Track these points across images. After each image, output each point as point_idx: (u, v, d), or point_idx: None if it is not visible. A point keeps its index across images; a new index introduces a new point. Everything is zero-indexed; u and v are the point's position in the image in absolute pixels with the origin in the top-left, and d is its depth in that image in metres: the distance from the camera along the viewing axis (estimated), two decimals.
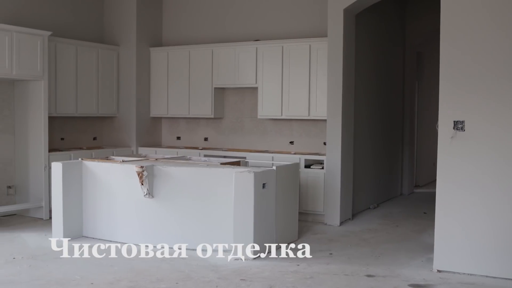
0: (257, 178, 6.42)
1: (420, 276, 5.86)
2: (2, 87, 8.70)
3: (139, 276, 5.76)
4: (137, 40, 10.18)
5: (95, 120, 10.33)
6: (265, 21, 9.63)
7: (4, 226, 8.10)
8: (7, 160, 8.82)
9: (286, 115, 9.09)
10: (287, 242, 7.13)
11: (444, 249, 5.98)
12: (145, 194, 6.95)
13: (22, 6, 9.00)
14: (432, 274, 5.92)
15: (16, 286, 5.41)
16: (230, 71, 9.54)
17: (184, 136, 10.53)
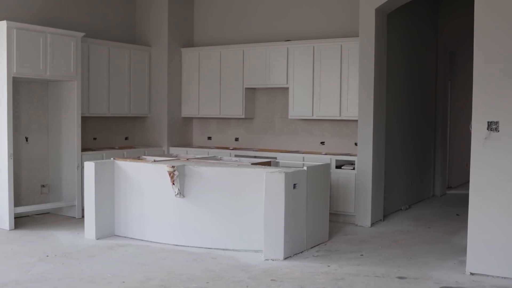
0: (288, 178, 6.40)
1: (452, 278, 5.78)
2: (36, 88, 8.82)
3: (170, 275, 5.79)
4: (169, 40, 10.24)
5: (127, 120, 10.42)
6: (296, 21, 9.61)
7: (38, 224, 8.21)
8: (41, 159, 8.94)
9: (317, 116, 9.05)
10: (317, 242, 7.11)
11: (477, 252, 5.90)
12: (176, 193, 6.98)
13: (56, 8, 9.12)
14: (464, 277, 5.84)
15: (50, 283, 5.49)
16: (261, 71, 9.54)
17: (215, 136, 10.56)
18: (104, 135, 10.02)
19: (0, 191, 7.86)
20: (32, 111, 8.80)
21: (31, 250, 6.72)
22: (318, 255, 6.64)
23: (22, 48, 7.87)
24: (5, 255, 6.51)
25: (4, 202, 7.81)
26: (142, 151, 9.72)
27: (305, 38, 9.34)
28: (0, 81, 7.77)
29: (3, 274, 5.74)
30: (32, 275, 5.74)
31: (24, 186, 8.71)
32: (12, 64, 7.76)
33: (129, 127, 10.50)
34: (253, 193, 6.67)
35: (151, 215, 7.29)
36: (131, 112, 10.08)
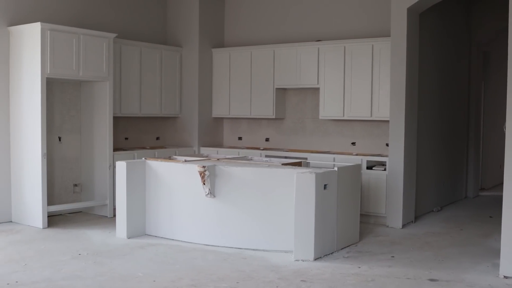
0: (319, 179, 6.38)
1: (485, 281, 5.70)
2: (69, 88, 8.93)
3: (200, 274, 5.81)
4: (200, 41, 10.28)
5: (158, 120, 10.49)
6: (327, 21, 9.57)
7: (70, 223, 8.31)
8: (74, 159, 9.05)
9: (348, 116, 9.01)
10: (348, 243, 7.07)
11: (511, 255, 5.80)
12: (206, 193, 7.00)
13: (88, 10, 9.22)
14: (498, 280, 5.75)
15: (82, 281, 5.54)
16: (292, 72, 9.52)
17: (246, 136, 10.57)
18: (136, 135, 10.10)
19: (34, 190, 7.98)
20: (65, 111, 8.91)
21: (63, 248, 6.81)
22: (348, 256, 6.60)
23: (56, 49, 7.97)
24: (38, 253, 6.60)
25: (38, 201, 7.92)
26: (173, 151, 9.77)
27: (336, 38, 9.30)
28: (34, 81, 7.89)
29: (36, 271, 5.82)
30: (64, 273, 5.81)
31: (57, 185, 8.82)
32: (45, 65, 7.87)
33: (160, 127, 10.57)
34: (283, 194, 6.66)
35: (182, 215, 7.32)
36: (162, 112, 10.14)
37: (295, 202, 6.39)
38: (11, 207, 8.30)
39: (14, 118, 8.20)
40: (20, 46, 8.09)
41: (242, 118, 10.52)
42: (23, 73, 8.06)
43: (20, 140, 8.14)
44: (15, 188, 8.25)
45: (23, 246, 6.90)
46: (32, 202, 8.01)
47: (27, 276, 5.67)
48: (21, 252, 6.62)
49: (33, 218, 8.01)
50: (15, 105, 8.19)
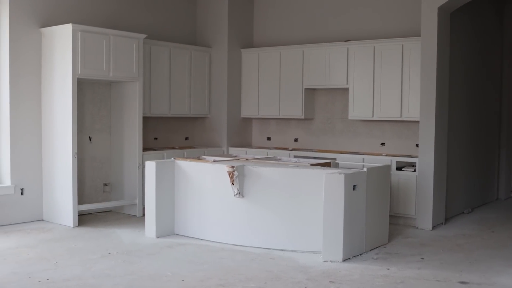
0: (348, 179, 6.35)
1: None
2: (99, 88, 9.02)
3: (229, 274, 5.82)
4: (229, 41, 10.31)
5: (187, 120, 10.54)
6: (356, 21, 9.52)
7: (100, 222, 8.39)
8: (104, 158, 9.14)
9: (377, 116, 8.95)
10: (377, 245, 7.02)
11: None
12: (235, 193, 7.01)
13: (118, 11, 9.30)
14: None
15: (111, 279, 5.59)
16: (321, 72, 9.49)
17: (274, 136, 10.57)
18: (165, 135, 10.16)
19: (65, 189, 8.07)
20: (96, 111, 9.00)
21: (93, 247, 6.88)
22: (377, 258, 6.56)
23: (86, 50, 8.05)
24: (69, 251, 6.67)
25: (68, 200, 8.02)
26: (202, 151, 9.81)
27: (365, 38, 9.25)
28: (65, 82, 7.98)
29: (67, 269, 5.89)
30: (94, 271, 5.87)
31: (87, 185, 8.92)
32: (76, 66, 7.96)
33: (189, 127, 10.61)
34: (312, 194, 6.64)
35: (211, 215, 7.34)
36: (191, 112, 10.19)
37: (323, 203, 6.37)
38: (43, 206, 8.41)
39: (46, 118, 8.31)
40: (52, 47, 8.20)
41: (271, 118, 10.51)
42: (54, 73, 8.16)
43: (52, 140, 8.24)
44: (47, 187, 8.36)
45: (54, 244, 6.99)
46: (63, 201, 8.11)
47: (58, 274, 5.74)
48: (52, 250, 6.71)
49: (63, 216, 8.11)
50: (46, 105, 8.30)
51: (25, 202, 8.24)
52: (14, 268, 5.92)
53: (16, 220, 8.13)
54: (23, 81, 8.15)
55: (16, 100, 8.08)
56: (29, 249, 6.74)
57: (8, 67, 7.99)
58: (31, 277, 5.60)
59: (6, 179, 8.11)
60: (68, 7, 8.57)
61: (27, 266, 5.98)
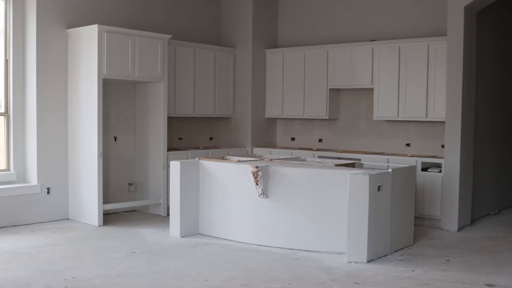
0: (372, 180, 6.31)
1: None
2: (125, 89, 9.09)
3: (253, 275, 5.82)
4: (253, 42, 10.31)
5: (212, 121, 10.56)
6: (381, 21, 9.46)
7: (125, 221, 8.45)
8: (129, 158, 9.20)
9: (402, 117, 8.88)
10: (402, 246, 6.97)
11: None
12: (259, 194, 7.01)
13: (144, 12, 9.36)
14: None
15: (136, 278, 5.62)
16: (346, 72, 9.45)
17: (299, 137, 10.54)
18: (189, 135, 10.19)
19: (90, 189, 8.14)
20: (121, 111, 9.07)
21: (118, 246, 6.92)
22: (402, 259, 6.51)
23: (112, 50, 8.12)
24: (94, 250, 6.73)
25: (94, 199, 8.08)
26: (226, 151, 9.82)
27: (390, 38, 9.19)
28: (91, 82, 8.05)
29: (92, 268, 5.94)
30: (119, 270, 5.90)
31: (112, 184, 8.98)
32: (102, 66, 8.02)
33: (213, 128, 10.64)
34: (336, 195, 6.61)
35: (235, 215, 7.35)
36: (215, 112, 10.21)
37: (348, 204, 6.34)
38: (68, 205, 8.49)
39: (72, 118, 8.39)
40: (78, 48, 8.27)
41: (295, 119, 10.50)
42: (80, 74, 8.24)
43: (77, 140, 8.32)
44: (72, 187, 8.44)
45: (80, 243, 7.06)
46: (89, 200, 8.18)
47: (83, 272, 5.79)
48: (78, 249, 6.77)
49: (89, 216, 8.18)
50: (72, 105, 8.38)
51: (51, 201, 8.33)
52: (40, 266, 5.99)
53: (42, 219, 8.22)
54: (50, 81, 8.24)
55: (43, 100, 8.17)
56: (55, 247, 6.81)
57: (35, 68, 8.08)
58: (57, 275, 5.65)
59: (33, 178, 8.21)
60: (93, 8, 8.64)
61: (53, 265, 6.05)
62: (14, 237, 7.30)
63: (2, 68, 8.15)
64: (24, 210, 8.06)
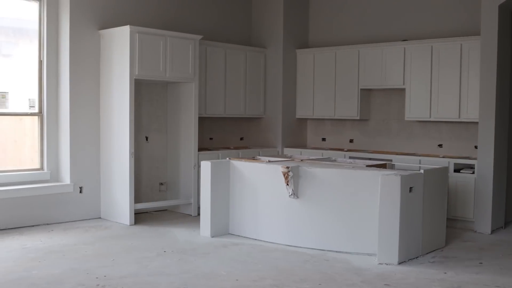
0: (404, 181, 6.26)
1: None
2: (156, 89, 9.15)
3: (283, 275, 5.81)
4: (284, 42, 10.30)
5: (243, 121, 10.58)
6: (413, 20, 9.37)
7: (156, 220, 8.51)
8: (160, 158, 9.26)
9: (434, 117, 8.79)
10: (433, 248, 6.90)
11: None
12: (290, 194, 7.00)
13: (175, 12, 9.41)
14: None
15: (166, 277, 5.66)
16: (377, 72, 9.39)
17: (329, 137, 10.50)
18: (220, 135, 10.22)
19: (122, 188, 8.22)
20: (152, 111, 9.13)
21: (149, 245, 6.97)
22: (434, 261, 6.44)
23: (144, 51, 8.18)
24: (125, 249, 6.79)
25: (125, 198, 8.15)
26: (256, 152, 9.83)
27: (422, 37, 9.10)
28: (123, 82, 8.12)
29: (123, 267, 5.99)
30: (150, 269, 5.95)
31: (144, 184, 9.05)
32: (134, 67, 8.09)
33: (244, 128, 10.65)
34: (367, 196, 6.57)
35: (265, 215, 7.35)
36: (246, 113, 10.22)
37: (379, 205, 6.30)
38: (100, 204, 8.58)
39: (104, 118, 8.48)
40: (110, 49, 8.36)
41: (326, 119, 10.46)
42: (112, 74, 8.32)
43: (109, 139, 8.41)
44: (104, 186, 8.52)
45: (111, 242, 7.12)
46: (120, 200, 8.26)
47: (115, 271, 5.84)
48: (109, 247, 6.84)
49: (120, 215, 8.25)
50: (105, 105, 8.47)
51: (83, 200, 8.43)
52: (73, 264, 6.06)
53: (74, 217, 8.33)
54: (83, 82, 8.34)
55: (76, 100, 8.27)
56: (87, 246, 6.89)
57: (68, 68, 8.19)
58: (89, 274, 5.72)
59: (66, 177, 8.31)
60: (125, 9, 8.72)
61: (85, 263, 6.12)
62: (47, 235, 7.40)
63: (36, 69, 8.28)
64: (57, 209, 8.17)
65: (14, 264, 6.06)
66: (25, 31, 8.28)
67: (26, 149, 8.34)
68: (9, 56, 8.28)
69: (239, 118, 10.41)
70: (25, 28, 8.27)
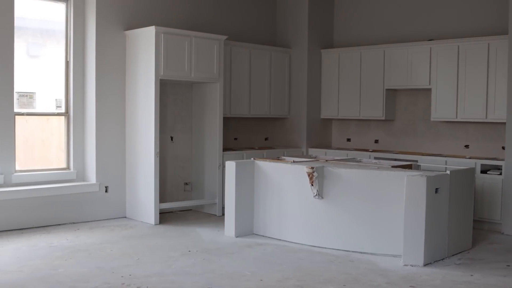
0: (430, 182, 6.20)
1: None
2: (181, 89, 9.18)
3: (307, 276, 5.80)
4: (309, 42, 10.28)
5: (267, 121, 10.58)
6: (439, 20, 9.29)
7: (180, 220, 8.54)
8: (185, 158, 9.29)
9: (461, 118, 8.70)
10: (460, 250, 6.82)
11: None
12: (314, 195, 6.98)
13: (200, 13, 9.44)
14: None
15: (191, 277, 5.67)
16: (403, 72, 9.32)
17: (354, 138, 10.46)
18: (245, 135, 10.23)
19: (147, 188, 8.26)
20: (177, 111, 9.17)
21: (174, 245, 7.00)
22: (460, 263, 6.37)
23: (169, 51, 8.22)
24: (150, 248, 6.82)
25: (150, 198, 8.20)
26: (281, 152, 9.82)
27: (449, 37, 9.01)
28: (149, 83, 8.17)
29: (148, 266, 6.02)
30: (174, 268, 5.97)
31: (168, 183, 9.09)
32: (159, 67, 8.13)
33: (269, 128, 10.65)
34: (393, 197, 6.52)
35: (290, 216, 7.34)
36: (271, 113, 10.22)
37: (405, 206, 6.25)
38: (126, 204, 8.65)
39: (129, 118, 8.54)
40: (136, 49, 8.41)
41: (351, 119, 10.41)
42: (138, 75, 8.37)
43: (135, 139, 8.46)
44: (130, 186, 8.58)
45: (136, 241, 7.17)
46: (145, 199, 8.30)
47: (140, 270, 5.88)
48: (134, 246, 6.88)
49: (145, 214, 8.30)
50: (130, 105, 8.52)
51: (109, 200, 8.50)
52: (99, 263, 6.11)
53: (100, 216, 8.40)
54: (108, 82, 8.41)
55: (102, 101, 8.34)
56: (112, 245, 6.94)
57: (95, 69, 8.26)
58: (114, 272, 5.76)
59: (92, 177, 8.39)
60: (150, 10, 8.77)
61: (110, 262, 6.16)
62: (73, 234, 7.47)
63: (63, 70, 8.36)
64: (83, 208, 8.25)
65: (41, 262, 6.13)
66: (52, 32, 8.37)
67: (53, 149, 8.44)
68: (37, 57, 8.38)
69: (263, 118, 10.41)
70: (52, 29, 8.36)
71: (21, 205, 7.69)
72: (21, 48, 8.02)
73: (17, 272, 5.77)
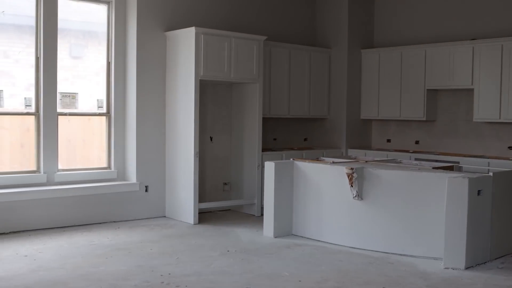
0: (472, 184, 6.09)
1: None
2: (221, 90, 9.22)
3: (346, 277, 5.76)
4: (349, 42, 10.22)
5: (306, 121, 10.55)
6: (482, 18, 9.13)
7: (220, 220, 8.57)
8: (224, 158, 9.32)
9: (505, 118, 8.54)
10: (503, 253, 6.68)
11: None
12: (354, 196, 6.93)
13: (239, 14, 9.47)
14: None
15: (230, 277, 5.69)
16: (444, 72, 9.19)
17: (394, 138, 10.35)
18: (284, 135, 10.22)
19: (187, 187, 8.31)
20: (217, 112, 9.20)
21: (213, 244, 7.03)
22: (503, 267, 6.24)
23: (209, 52, 8.25)
24: (189, 247, 6.86)
25: (190, 197, 8.25)
26: (320, 152, 9.77)
27: (492, 36, 8.85)
28: (188, 83, 8.22)
29: (187, 265, 6.06)
30: (213, 268, 5.99)
31: (208, 183, 9.13)
32: (199, 68, 8.17)
33: (308, 128, 10.62)
34: (434, 198, 6.43)
35: (329, 216, 7.30)
36: (310, 113, 10.19)
37: (446, 208, 6.16)
38: (165, 203, 8.71)
39: (169, 119, 8.61)
40: (176, 50, 8.47)
41: (391, 120, 10.31)
42: (178, 75, 8.43)
43: (175, 139, 8.52)
44: (169, 185, 8.65)
45: (176, 241, 7.22)
46: (185, 199, 8.36)
47: (179, 269, 5.91)
48: (174, 246, 6.93)
49: (185, 214, 8.35)
50: (170, 106, 8.59)
51: (149, 199, 8.58)
52: (139, 261, 6.17)
53: (140, 215, 8.48)
54: (149, 83, 8.49)
55: (142, 101, 8.43)
56: (152, 244, 7.00)
57: (135, 69, 8.35)
58: (154, 271, 5.81)
59: (132, 176, 8.48)
60: (190, 11, 8.82)
61: (150, 260, 6.22)
62: (114, 233, 7.57)
63: (104, 70, 8.48)
64: (123, 207, 8.34)
65: (82, 260, 6.22)
66: (94, 33, 8.49)
67: (94, 148, 8.56)
68: (79, 58, 8.51)
69: (303, 118, 10.39)
70: (94, 31, 8.48)
71: (63, 203, 7.83)
72: (64, 49, 8.16)
73: (59, 269, 5.87)
